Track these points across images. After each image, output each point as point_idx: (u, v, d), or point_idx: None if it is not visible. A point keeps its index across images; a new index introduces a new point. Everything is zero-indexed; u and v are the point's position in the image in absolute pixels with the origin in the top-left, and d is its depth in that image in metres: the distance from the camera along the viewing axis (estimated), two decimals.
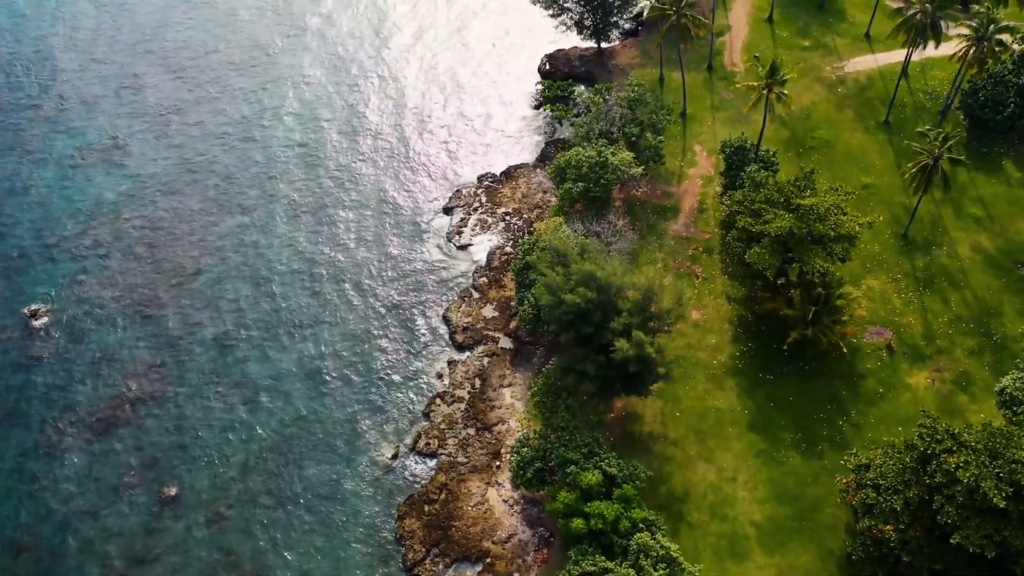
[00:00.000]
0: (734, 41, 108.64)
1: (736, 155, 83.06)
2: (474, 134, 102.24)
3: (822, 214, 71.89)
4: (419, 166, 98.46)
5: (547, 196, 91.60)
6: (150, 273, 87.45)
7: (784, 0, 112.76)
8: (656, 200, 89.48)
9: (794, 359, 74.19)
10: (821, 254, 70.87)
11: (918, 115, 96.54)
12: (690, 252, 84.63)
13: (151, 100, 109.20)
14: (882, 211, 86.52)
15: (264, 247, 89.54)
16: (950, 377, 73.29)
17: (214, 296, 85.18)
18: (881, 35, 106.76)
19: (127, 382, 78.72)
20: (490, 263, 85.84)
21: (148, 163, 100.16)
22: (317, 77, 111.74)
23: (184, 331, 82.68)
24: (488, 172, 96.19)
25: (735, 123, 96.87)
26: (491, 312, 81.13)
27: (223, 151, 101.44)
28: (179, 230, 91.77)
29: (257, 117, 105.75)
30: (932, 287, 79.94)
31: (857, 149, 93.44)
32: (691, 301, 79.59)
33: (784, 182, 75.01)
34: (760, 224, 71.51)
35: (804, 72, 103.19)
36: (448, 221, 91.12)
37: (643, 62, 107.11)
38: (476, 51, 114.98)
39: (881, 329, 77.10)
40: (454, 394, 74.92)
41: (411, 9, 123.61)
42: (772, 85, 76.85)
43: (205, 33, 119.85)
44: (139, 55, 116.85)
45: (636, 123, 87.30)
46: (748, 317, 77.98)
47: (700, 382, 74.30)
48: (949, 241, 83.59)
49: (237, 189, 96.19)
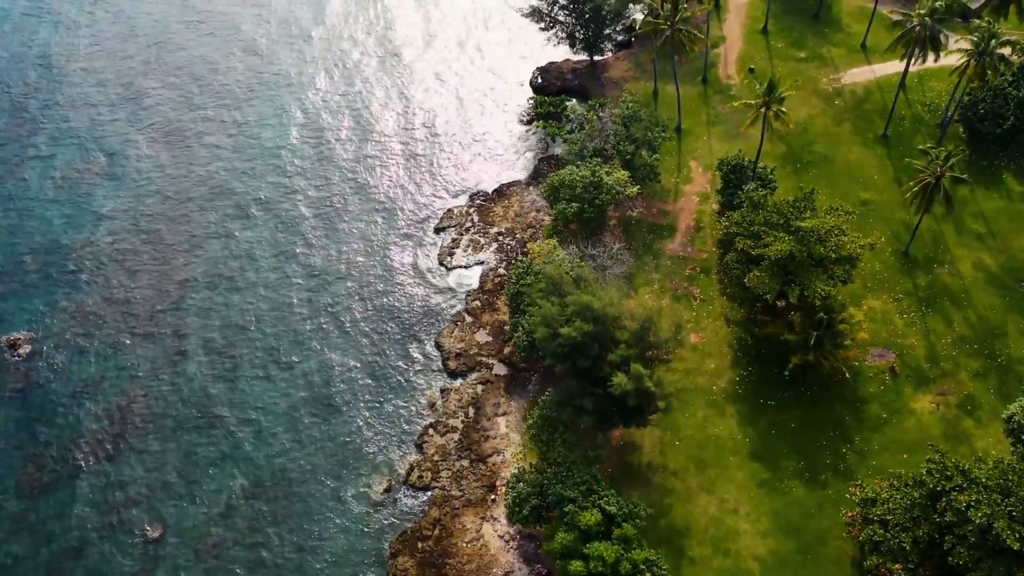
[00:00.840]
0: (729, 53, 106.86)
1: (733, 173, 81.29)
2: (465, 151, 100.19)
3: (822, 235, 70.18)
4: (409, 185, 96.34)
5: (540, 215, 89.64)
6: (134, 299, 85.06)
7: (778, 10, 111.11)
8: (652, 218, 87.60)
9: (795, 384, 72.41)
10: (822, 277, 69.16)
11: (917, 128, 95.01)
12: (687, 272, 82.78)
13: (136, 117, 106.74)
14: (882, 228, 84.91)
15: (250, 273, 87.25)
16: (955, 401, 71.64)
17: (199, 323, 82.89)
18: (878, 45, 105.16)
19: (110, 415, 76.41)
20: (483, 285, 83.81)
21: (131, 184, 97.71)
22: (304, 98, 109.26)
23: (168, 360, 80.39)
24: (480, 190, 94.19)
25: (731, 138, 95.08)
26: (485, 337, 79.09)
27: (207, 172, 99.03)
28: (163, 257, 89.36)
29: (243, 139, 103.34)
30: (935, 307, 78.29)
31: (855, 164, 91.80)
32: (689, 324, 77.83)
33: (783, 203, 73.21)
34: (760, 248, 69.70)
35: (800, 84, 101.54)
36: (440, 242, 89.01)
37: (637, 75, 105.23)
38: (466, 66, 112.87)
39: (883, 351, 75.40)
40: (447, 424, 72.88)
41: (400, 25, 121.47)
42: (770, 103, 75.01)
43: (194, 51, 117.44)
44: (125, 71, 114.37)
45: (631, 140, 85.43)
46: (748, 340, 76.08)
47: (700, 408, 72.47)
48: (951, 259, 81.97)
49: (221, 213, 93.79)
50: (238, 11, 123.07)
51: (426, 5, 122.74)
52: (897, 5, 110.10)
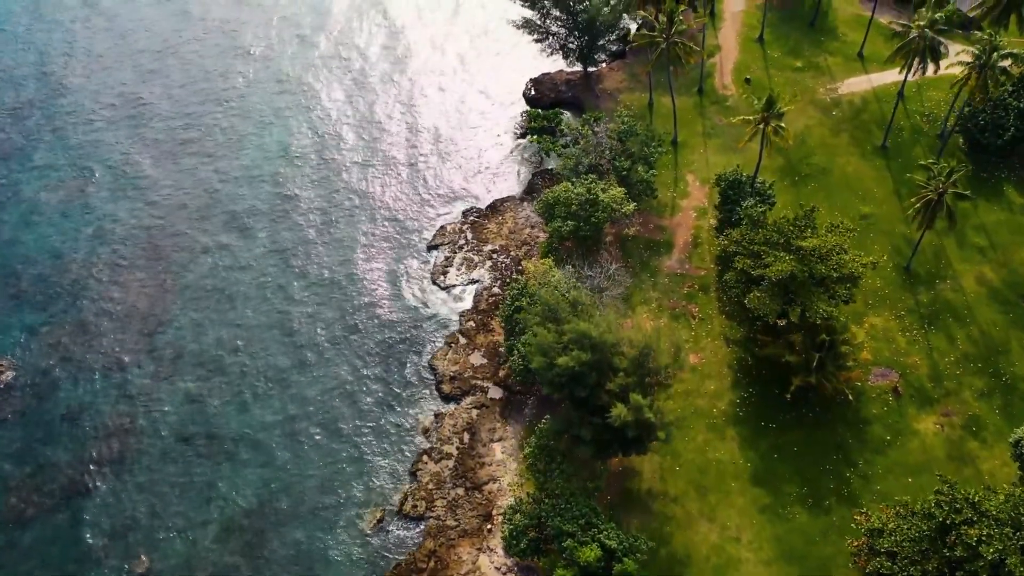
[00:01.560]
0: (724, 62, 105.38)
1: (732, 189, 79.74)
2: (457, 165, 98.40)
3: (824, 254, 68.74)
4: (401, 201, 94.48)
5: (535, 231, 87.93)
6: (123, 319, 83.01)
7: (774, 18, 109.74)
8: (648, 234, 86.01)
9: (797, 405, 70.91)
10: (824, 297, 67.69)
11: (916, 139, 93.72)
12: (685, 290, 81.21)
13: (129, 130, 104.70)
14: (882, 243, 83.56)
15: (239, 294, 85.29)
16: (959, 422, 70.24)
17: (186, 347, 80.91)
18: (875, 54, 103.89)
19: (96, 443, 74.37)
20: (477, 305, 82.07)
21: (122, 199, 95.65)
22: (295, 112, 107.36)
23: (155, 385, 78.41)
24: (473, 206, 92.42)
25: (728, 150, 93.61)
26: (479, 359, 77.35)
27: (196, 187, 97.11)
28: (149, 276, 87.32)
29: (232, 159, 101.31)
30: (937, 324, 76.90)
31: (854, 176, 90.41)
32: (688, 344, 76.22)
33: (783, 221, 71.70)
34: (760, 268, 68.20)
35: (797, 96, 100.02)
36: (432, 260, 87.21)
37: (631, 86, 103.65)
38: (458, 78, 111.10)
39: (886, 371, 73.98)
40: (442, 450, 71.13)
41: (390, 39, 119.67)
42: (769, 119, 73.48)
43: (183, 68, 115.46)
44: (118, 82, 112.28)
45: (627, 155, 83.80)
46: (748, 360, 74.64)
47: (700, 432, 70.90)
48: (953, 274, 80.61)
49: (209, 231, 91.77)
50: (227, 34, 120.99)
51: (417, 18, 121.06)
52: (893, 13, 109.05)
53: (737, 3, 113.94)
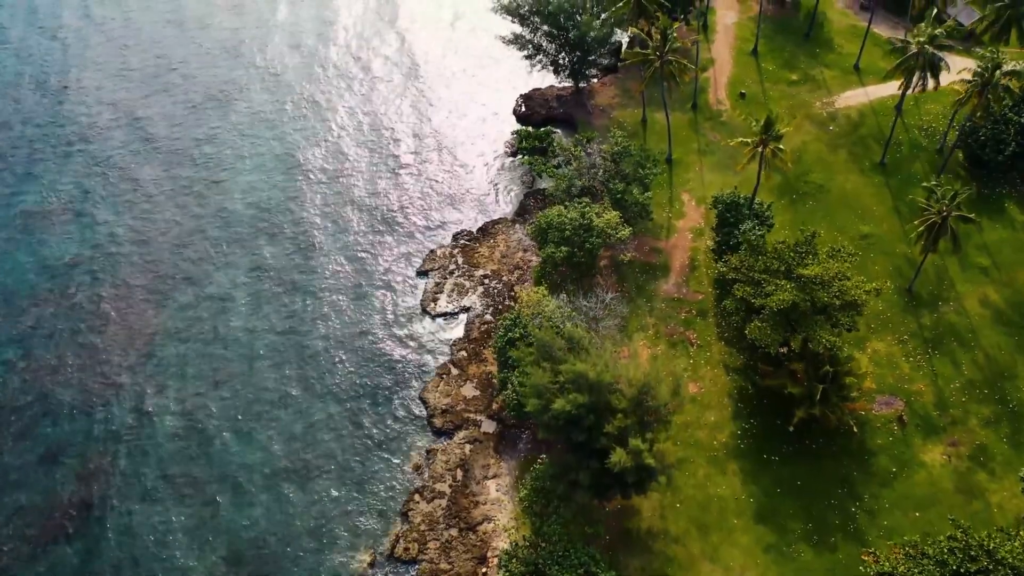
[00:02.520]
0: (718, 76, 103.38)
1: (729, 211, 77.58)
2: (447, 186, 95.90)
3: (826, 281, 66.69)
4: (389, 224, 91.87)
5: (528, 255, 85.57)
6: (100, 354, 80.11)
7: (768, 29, 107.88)
8: (644, 257, 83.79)
9: (800, 436, 68.82)
10: (826, 326, 65.62)
11: (915, 154, 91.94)
12: (683, 316, 79.03)
13: (105, 151, 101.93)
14: (883, 263, 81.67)
15: (222, 323, 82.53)
16: (966, 452, 68.29)
17: (169, 380, 78.13)
18: (871, 66, 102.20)
19: (75, 485, 71.45)
20: (469, 334, 79.62)
21: (99, 227, 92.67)
22: (278, 134, 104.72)
23: (137, 421, 75.60)
24: (464, 229, 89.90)
25: (723, 168, 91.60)
26: (472, 391, 74.92)
27: (179, 212, 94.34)
28: (132, 305, 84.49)
29: (213, 179, 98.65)
30: (941, 348, 74.97)
31: (852, 194, 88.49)
32: (686, 372, 73.97)
33: (784, 247, 69.61)
34: (761, 298, 66.09)
35: (793, 109, 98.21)
36: (423, 286, 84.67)
37: (624, 101, 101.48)
38: (445, 96, 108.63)
39: (890, 398, 71.97)
40: (434, 488, 68.66)
41: (378, 57, 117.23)
42: (767, 141, 71.36)
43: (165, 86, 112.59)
44: (97, 99, 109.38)
45: (621, 177, 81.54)
46: (748, 389, 72.56)
47: (700, 466, 68.69)
48: (956, 295, 78.72)
49: (194, 258, 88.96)
50: (207, 52, 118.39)
51: (404, 35, 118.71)
52: (888, 24, 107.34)
53: (730, 15, 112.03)
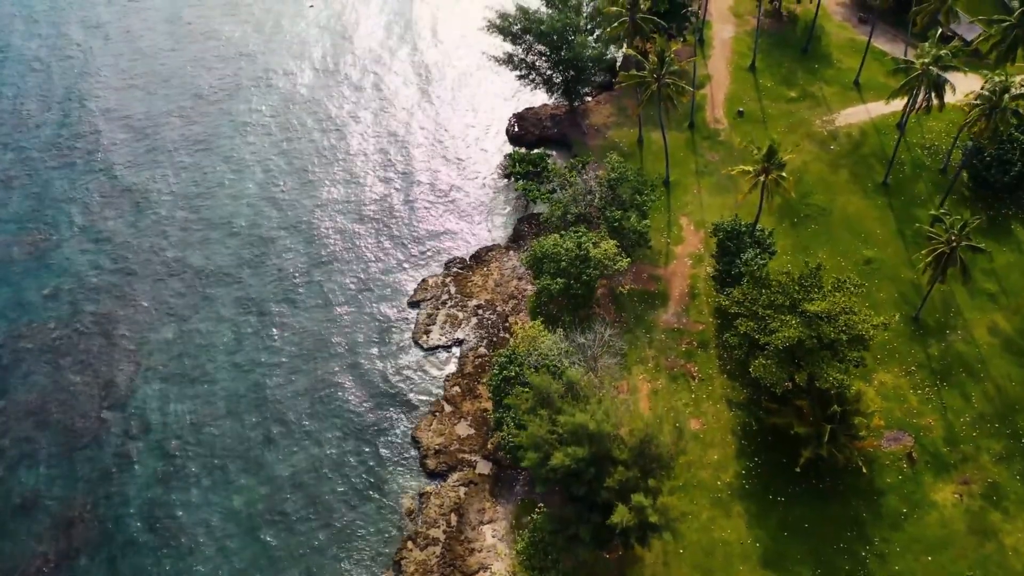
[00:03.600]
0: (715, 93, 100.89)
1: (730, 239, 75.05)
2: (438, 211, 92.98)
3: (832, 315, 64.27)
4: (379, 253, 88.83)
5: (522, 283, 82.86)
6: (77, 397, 76.90)
7: (765, 44, 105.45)
8: (642, 285, 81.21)
9: (806, 475, 66.33)
10: (834, 363, 63.20)
11: (918, 174, 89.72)
12: (683, 347, 76.48)
13: (84, 177, 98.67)
14: (888, 290, 79.37)
15: (206, 360, 79.44)
16: (979, 490, 66.03)
17: (150, 422, 75.06)
18: (871, 81, 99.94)
19: (51, 534, 68.37)
20: (462, 368, 76.87)
21: (79, 257, 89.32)
22: (264, 158, 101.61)
23: (117, 464, 72.56)
24: (456, 256, 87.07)
25: (722, 190, 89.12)
26: (466, 429, 72.20)
27: (161, 240, 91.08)
28: (112, 340, 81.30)
29: (196, 206, 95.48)
30: (950, 380, 72.69)
31: (855, 216, 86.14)
32: (688, 408, 71.61)
33: (788, 281, 67.14)
34: (765, 335, 63.63)
35: (792, 127, 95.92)
36: (414, 318, 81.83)
37: (620, 120, 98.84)
38: (436, 116, 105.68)
39: (899, 434, 69.63)
40: (428, 534, 65.89)
41: (369, 74, 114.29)
42: (770, 169, 68.86)
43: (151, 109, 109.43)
44: (77, 120, 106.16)
45: (618, 203, 78.91)
46: (752, 425, 70.17)
47: (704, 508, 66.17)
48: (964, 323, 76.46)
49: (177, 289, 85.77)
50: (187, 74, 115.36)
51: (395, 53, 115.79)
52: (888, 36, 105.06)
53: (727, 29, 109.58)
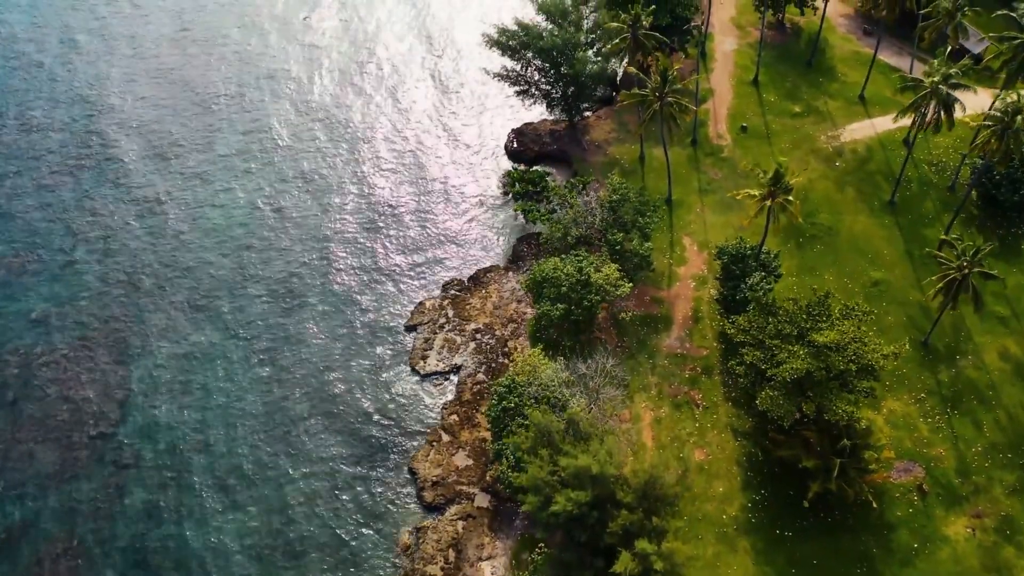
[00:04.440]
0: (718, 108, 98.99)
1: (735, 263, 73.14)
2: (435, 230, 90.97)
3: (841, 345, 62.41)
4: (375, 274, 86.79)
5: (522, 307, 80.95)
6: (65, 425, 74.91)
7: (769, 57, 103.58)
8: (645, 308, 79.31)
9: (815, 509, 64.41)
10: (843, 395, 61.37)
11: (925, 191, 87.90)
12: (687, 374, 74.57)
13: (74, 192, 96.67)
14: (896, 314, 77.53)
15: (197, 386, 77.45)
16: (992, 524, 64.16)
17: (139, 451, 73.13)
18: (877, 95, 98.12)
19: (37, 569, 66.36)
20: (460, 395, 74.93)
21: (68, 278, 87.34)
22: (258, 175, 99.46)
23: (105, 498, 70.56)
24: (454, 278, 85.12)
25: (725, 208, 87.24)
26: (464, 460, 70.27)
27: (152, 257, 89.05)
28: (99, 367, 79.30)
29: (194, 219, 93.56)
30: (961, 408, 70.84)
31: (862, 236, 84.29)
32: (692, 437, 69.77)
33: (796, 309, 65.24)
34: (772, 367, 61.77)
35: (797, 143, 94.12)
36: (411, 343, 79.86)
37: (621, 136, 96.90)
38: (433, 132, 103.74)
39: (909, 464, 67.76)
40: (425, 571, 63.96)
41: (361, 86, 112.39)
42: (776, 194, 66.98)
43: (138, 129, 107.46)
44: (66, 133, 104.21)
45: (619, 225, 77.00)
46: (758, 455, 68.29)
47: (710, 543, 64.24)
48: (974, 348, 74.62)
49: (168, 311, 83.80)
50: (198, 89, 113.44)
51: (391, 68, 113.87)
52: (894, 49, 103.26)
53: (728, 41, 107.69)
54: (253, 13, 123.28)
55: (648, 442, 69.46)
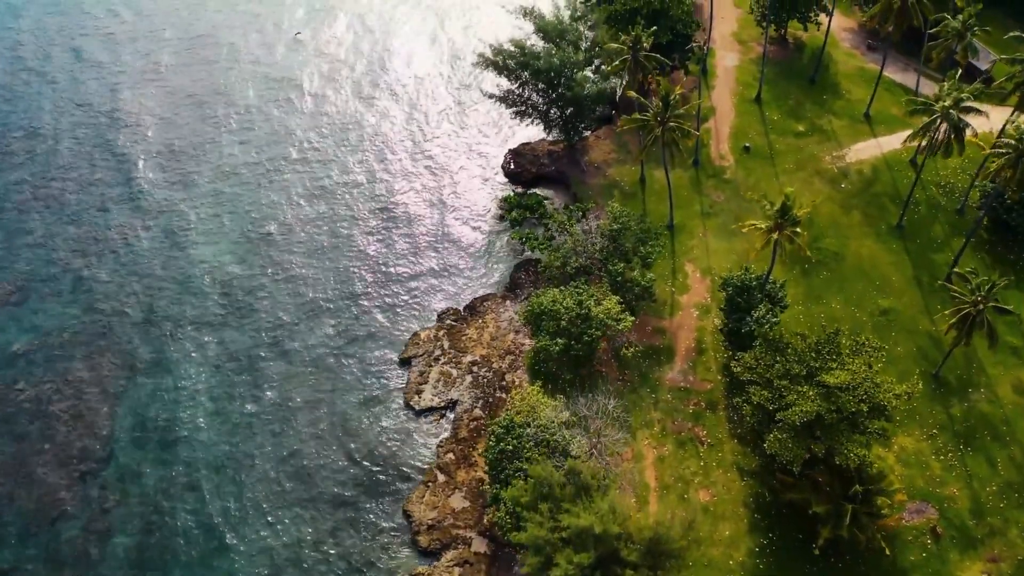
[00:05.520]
0: (720, 127, 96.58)
1: (740, 295, 70.69)
2: (431, 256, 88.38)
3: (853, 386, 60.02)
4: (368, 303, 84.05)
5: (520, 337, 78.44)
6: (47, 466, 72.22)
7: (771, 73, 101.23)
8: (647, 339, 76.83)
9: (825, 554, 61.89)
10: (855, 437, 58.99)
11: (933, 215, 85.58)
12: (691, 409, 72.13)
13: (55, 226, 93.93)
14: (906, 344, 75.17)
15: (183, 423, 74.79)
16: (1008, 569, 61.83)
17: (124, 493, 70.46)
18: (882, 113, 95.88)
19: None
20: (457, 432, 72.41)
21: (49, 308, 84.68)
22: (245, 198, 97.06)
23: (90, 541, 67.90)
24: (449, 307, 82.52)
25: (728, 233, 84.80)
26: (461, 501, 67.75)
27: (138, 285, 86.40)
28: (86, 401, 76.65)
29: (177, 250, 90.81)
30: (974, 444, 68.49)
31: (869, 261, 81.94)
32: (697, 477, 67.34)
33: (804, 348, 62.79)
34: (781, 410, 59.36)
35: (801, 164, 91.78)
36: (405, 377, 77.29)
37: (620, 157, 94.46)
38: (427, 153, 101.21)
39: (922, 505, 65.37)
40: None
41: (353, 108, 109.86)
42: (783, 226, 64.54)
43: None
44: (49, 161, 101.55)
45: (620, 254, 74.54)
46: (766, 496, 65.87)
47: None
48: (987, 381, 72.29)
49: (154, 344, 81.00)
50: (188, 122, 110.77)
51: (387, 85, 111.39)
52: (898, 66, 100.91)
53: (730, 57, 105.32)
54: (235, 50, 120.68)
55: (651, 482, 67.07)
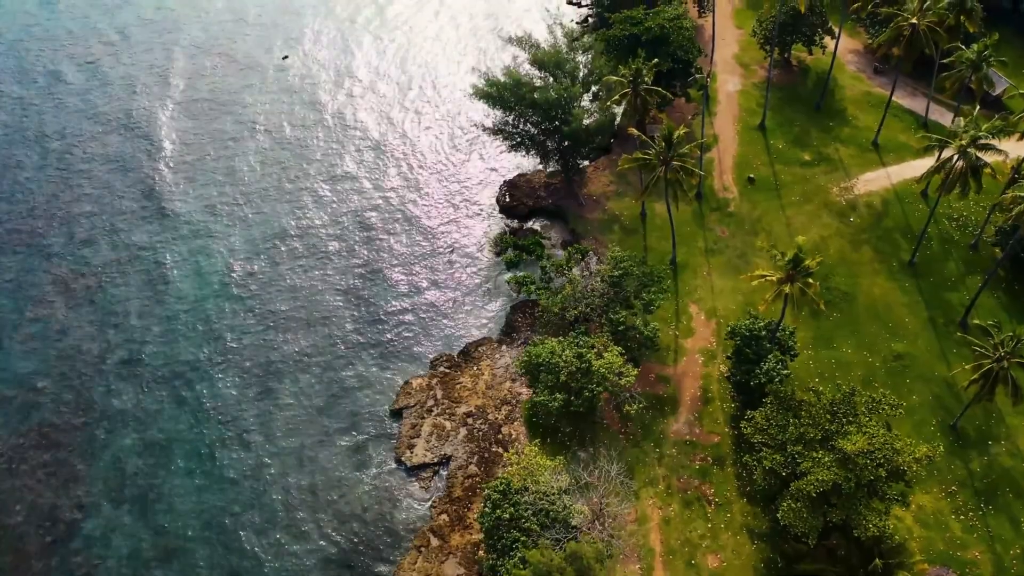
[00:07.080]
0: (723, 156, 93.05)
1: (748, 345, 67.10)
2: (423, 297, 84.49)
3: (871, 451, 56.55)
4: (357, 348, 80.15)
5: (516, 386, 74.76)
6: (16, 529, 68.21)
7: (775, 99, 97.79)
8: (650, 387, 73.22)
9: None
10: (874, 504, 55.61)
11: (946, 250, 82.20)
12: (697, 464, 68.56)
13: (28, 264, 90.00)
14: (922, 392, 71.71)
15: (161, 483, 70.81)
16: None
17: (100, 560, 66.49)
18: (891, 141, 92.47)
19: None
20: (451, 491, 68.67)
21: (20, 356, 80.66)
22: (228, 241, 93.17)
23: None
24: (442, 353, 78.71)
25: (733, 270, 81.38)
26: (455, 568, 64.01)
27: (111, 330, 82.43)
28: (58, 457, 72.72)
29: (160, 291, 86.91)
30: (996, 502, 65.05)
31: (881, 301, 78.50)
32: (704, 541, 63.75)
33: (818, 408, 59.29)
34: (795, 479, 55.90)
35: (808, 196, 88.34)
36: (397, 430, 73.52)
37: (620, 189, 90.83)
38: (421, 182, 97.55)
39: (942, 571, 61.78)
40: None
41: (341, 138, 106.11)
42: (795, 277, 61.02)
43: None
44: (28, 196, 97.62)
45: (622, 301, 70.92)
46: (778, 561, 62.29)
47: None
48: (1006, 431, 68.90)
49: (129, 392, 77.16)
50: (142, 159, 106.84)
51: (375, 116, 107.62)
52: (906, 91, 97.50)
53: (732, 81, 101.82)
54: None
55: (656, 547, 63.51)
